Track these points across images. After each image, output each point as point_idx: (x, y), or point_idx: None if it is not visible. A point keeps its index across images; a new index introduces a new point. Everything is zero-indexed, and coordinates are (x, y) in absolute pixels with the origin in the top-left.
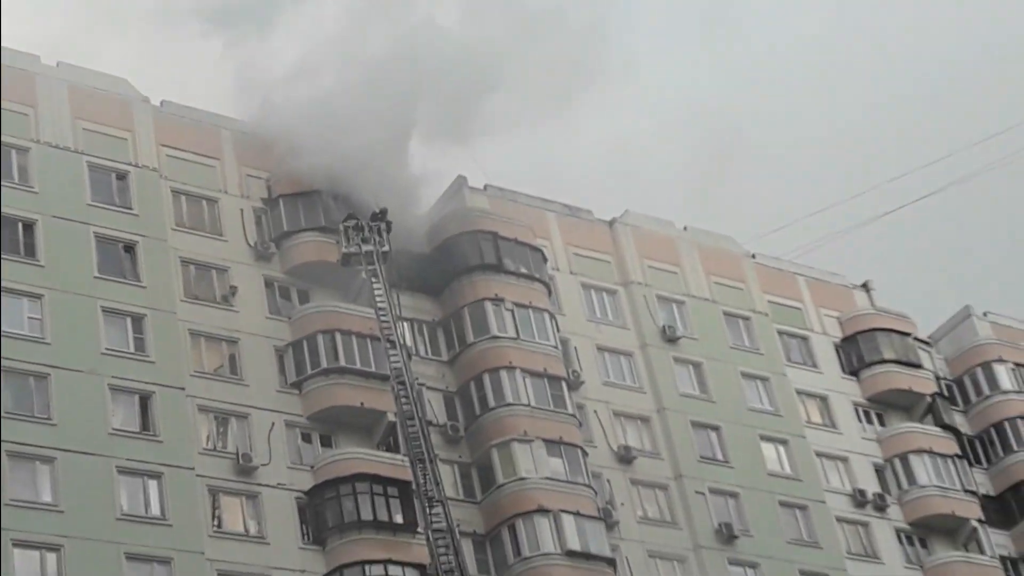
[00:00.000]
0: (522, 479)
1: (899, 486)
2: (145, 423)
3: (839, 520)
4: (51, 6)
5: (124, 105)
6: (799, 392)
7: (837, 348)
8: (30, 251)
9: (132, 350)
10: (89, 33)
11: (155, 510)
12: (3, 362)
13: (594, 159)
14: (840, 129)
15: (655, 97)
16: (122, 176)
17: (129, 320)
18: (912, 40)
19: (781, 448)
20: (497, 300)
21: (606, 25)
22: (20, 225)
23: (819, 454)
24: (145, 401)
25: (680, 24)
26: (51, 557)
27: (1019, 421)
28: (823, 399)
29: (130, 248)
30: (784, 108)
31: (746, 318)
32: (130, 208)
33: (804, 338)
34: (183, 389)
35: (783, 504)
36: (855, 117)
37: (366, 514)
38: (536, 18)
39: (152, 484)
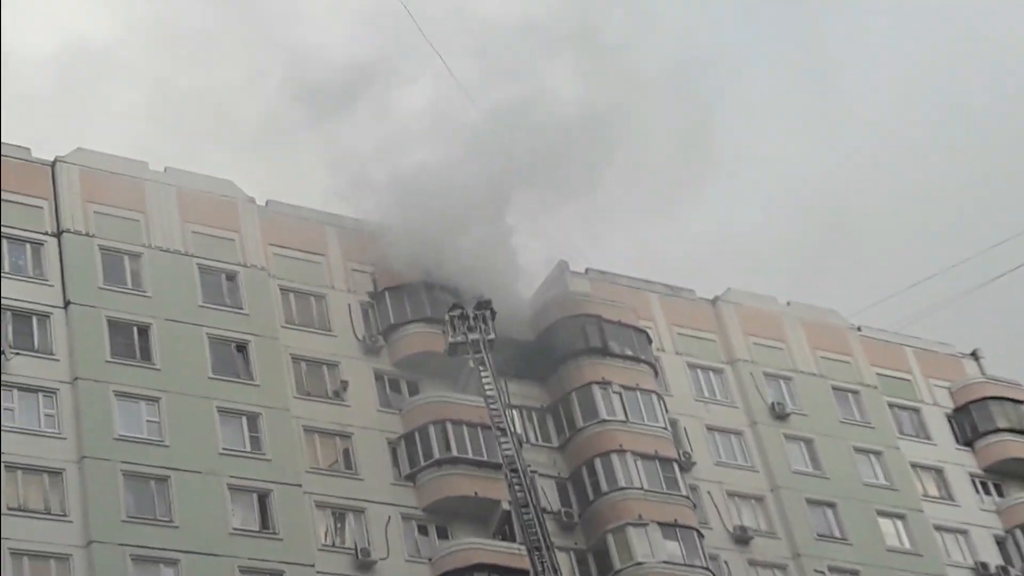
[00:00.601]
0: (639, 564)
1: (1022, 558)
2: (264, 521)
3: None
4: (157, 113)
5: (230, 206)
6: (914, 465)
7: (949, 419)
8: (145, 355)
9: (248, 449)
10: (193, 137)
11: None
12: (123, 466)
13: (694, 239)
14: (942, 197)
15: (756, 177)
16: (231, 276)
17: (244, 419)
18: (1008, 105)
19: (899, 523)
20: (604, 384)
21: (712, 112)
22: (135, 329)
23: (938, 528)
24: (263, 499)
25: (779, 104)
26: None
27: None
28: (939, 471)
29: (242, 347)
30: (886, 182)
31: (855, 392)
32: (241, 308)
33: (915, 410)
34: (300, 486)
35: None
36: (957, 184)
37: None
38: (643, 99)
39: None
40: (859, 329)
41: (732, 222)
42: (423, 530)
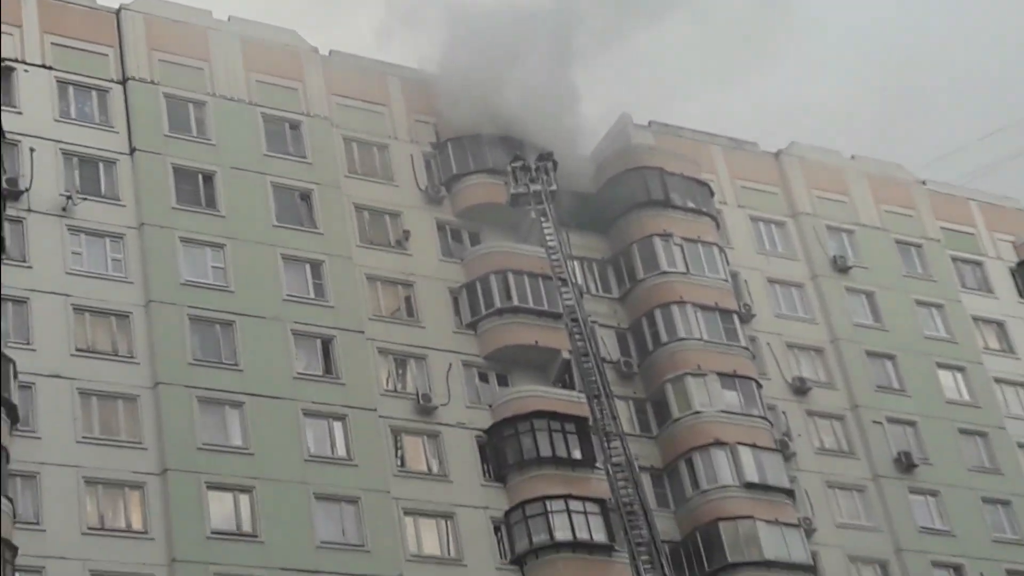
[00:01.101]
0: (697, 413)
1: None
2: (328, 367)
3: (1020, 446)
4: None
5: (294, 56)
6: (975, 318)
7: (1012, 272)
8: (210, 202)
9: (312, 296)
10: None
11: (341, 451)
12: (189, 311)
13: (762, 95)
14: (1014, 53)
15: (827, 34)
16: (295, 126)
17: (308, 266)
18: None
19: (959, 375)
20: (666, 235)
21: None
22: (200, 177)
23: (997, 380)
24: (327, 345)
25: None
26: (244, 499)
27: None
28: (1000, 324)
29: (306, 196)
30: (955, 36)
31: (918, 245)
32: (304, 157)
33: (978, 263)
34: (363, 332)
35: (963, 432)
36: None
37: (545, 451)
38: None
39: (337, 426)
40: (924, 183)
41: (800, 78)
42: (483, 377)
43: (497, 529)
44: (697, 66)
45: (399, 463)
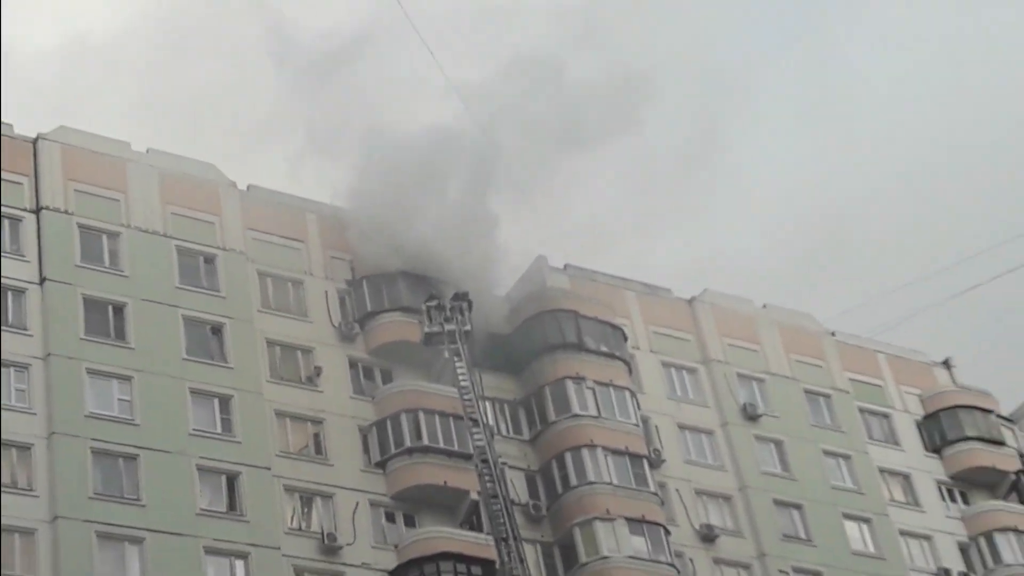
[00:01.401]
0: (605, 558)
1: (984, 565)
2: (232, 503)
3: None
4: (141, 96)
5: (212, 190)
6: (881, 470)
7: (919, 426)
8: (120, 334)
9: (219, 431)
10: (176, 119)
11: None
12: (92, 443)
13: (679, 243)
14: (920, 206)
15: (740, 185)
16: (210, 260)
17: (216, 401)
18: (990, 114)
19: (864, 527)
20: (578, 379)
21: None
22: (111, 308)
23: (903, 532)
24: (232, 481)
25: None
26: None
27: None
28: (906, 477)
29: (217, 330)
30: (865, 188)
31: (827, 396)
32: (217, 291)
33: (886, 416)
34: (269, 469)
35: None
36: (935, 193)
37: None
38: (644, 97)
39: (239, 564)
40: (833, 334)
41: (721, 230)
42: (390, 517)
43: None
44: (617, 212)
45: None
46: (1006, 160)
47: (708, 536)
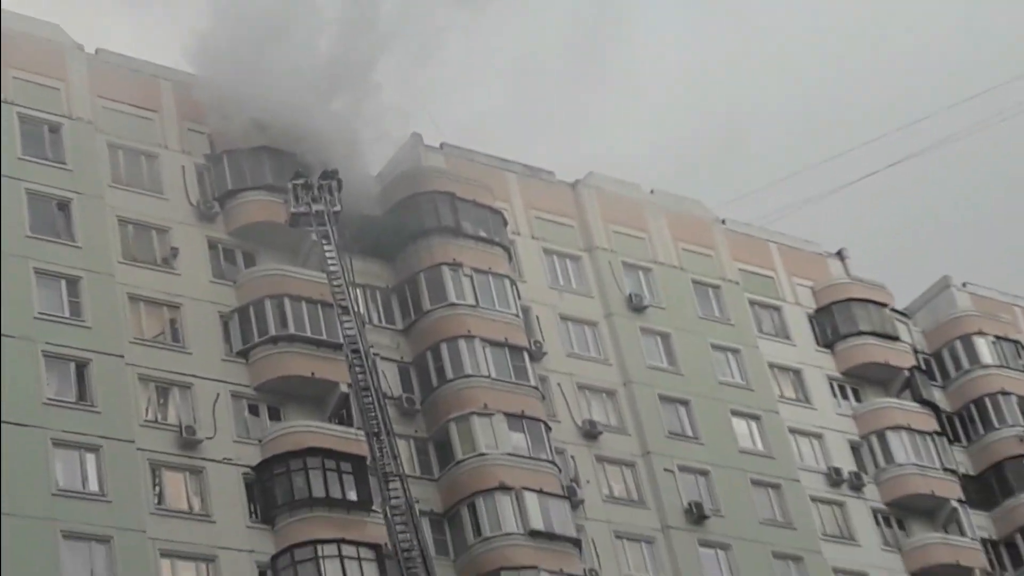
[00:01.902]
0: (482, 455)
1: (876, 464)
2: (82, 393)
3: (814, 500)
4: None
5: (57, 53)
6: (771, 365)
7: (811, 319)
8: None
9: (67, 315)
10: None
11: (93, 485)
12: None
13: (568, 131)
14: (815, 92)
15: (631, 74)
16: (55, 129)
17: (64, 283)
18: (887, 3)
19: (753, 424)
20: (455, 265)
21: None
22: None
23: (793, 430)
24: (81, 369)
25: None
26: None
27: (1000, 397)
28: (796, 373)
29: (64, 206)
30: (760, 74)
31: (716, 287)
32: (64, 163)
33: (776, 308)
34: (122, 357)
35: (755, 483)
36: (830, 79)
37: (318, 491)
38: None
39: (90, 458)
40: (723, 222)
41: (606, 120)
42: (254, 410)
43: (263, 575)
44: (501, 97)
45: (157, 500)
46: (902, 45)
47: (591, 433)
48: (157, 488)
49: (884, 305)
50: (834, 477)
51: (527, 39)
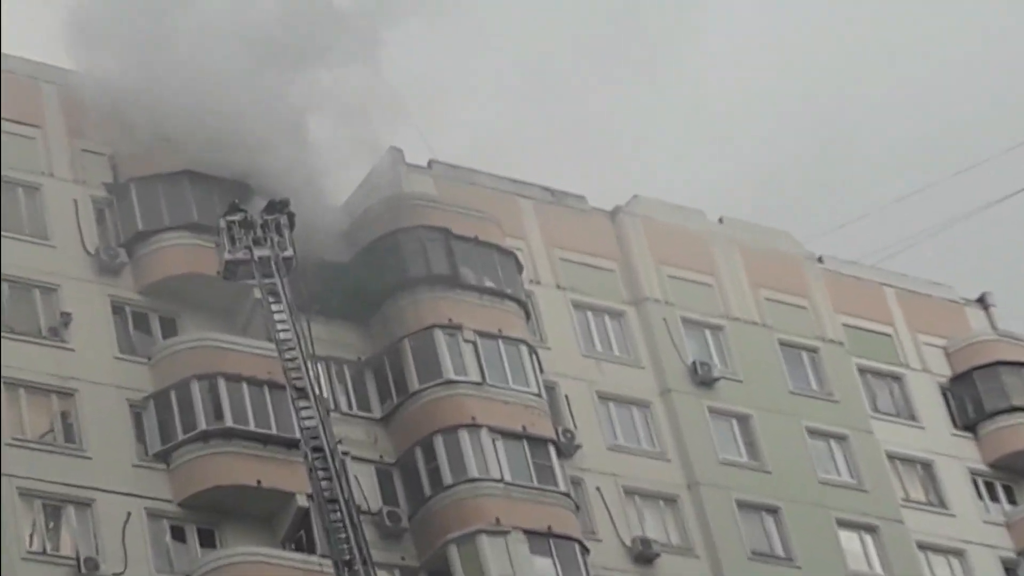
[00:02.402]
0: None
1: None
2: None
3: None
4: None
5: None
6: (891, 456)
7: (944, 392)
8: None
9: None
10: None
11: None
12: None
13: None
14: (936, 87)
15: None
16: None
17: None
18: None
19: (868, 538)
20: (452, 327)
21: None
22: None
23: (923, 546)
24: None
25: None
26: None
27: None
28: (927, 466)
29: None
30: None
31: (813, 350)
32: None
33: (897, 378)
34: None
35: None
36: (955, 73)
37: None
38: None
39: None
40: (820, 260)
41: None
42: (178, 534)
43: None
44: (515, 92)
45: None
46: None
47: (644, 555)
48: None
49: None
50: None
51: (547, 24)
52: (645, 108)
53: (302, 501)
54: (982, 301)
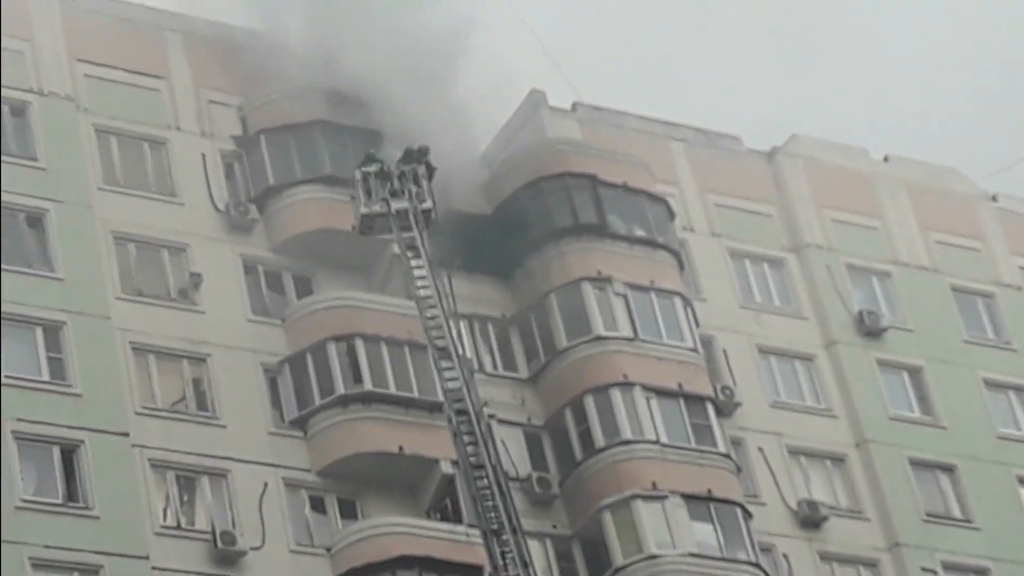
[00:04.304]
0: (653, 557)
1: None
2: (71, 491)
3: None
4: None
5: (18, 3)
6: None
7: None
8: None
9: (45, 378)
10: None
11: None
12: None
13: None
14: None
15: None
16: (19, 110)
17: (39, 331)
18: None
19: None
20: (601, 280)
21: None
22: None
23: None
24: (69, 456)
25: None
26: None
27: None
28: None
29: (36, 219)
30: None
31: (988, 295)
32: (34, 158)
33: None
34: (126, 435)
35: None
36: None
37: None
38: None
39: None
40: (994, 199)
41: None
42: (318, 505)
43: None
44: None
45: None
46: None
47: (811, 519)
48: None
49: None
50: None
51: None
52: (802, 43)
53: (447, 468)
54: None
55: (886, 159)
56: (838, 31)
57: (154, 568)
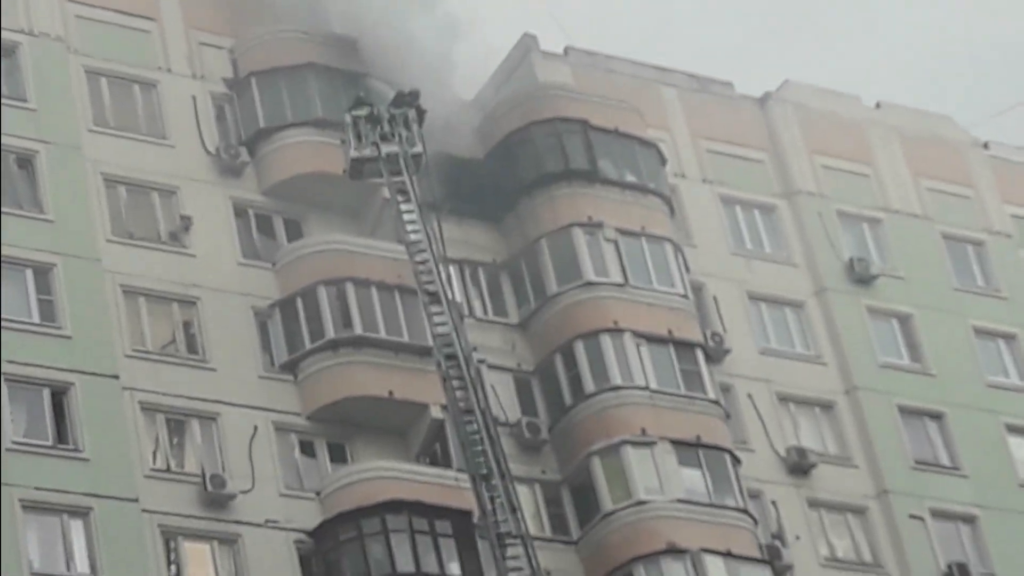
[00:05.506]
0: (641, 503)
1: None
2: (61, 433)
3: None
4: None
5: None
6: None
7: None
8: None
9: (36, 319)
10: None
11: (82, 566)
12: None
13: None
14: None
15: None
16: (9, 51)
17: (30, 273)
18: None
19: None
20: (592, 225)
21: None
22: None
23: None
24: (60, 398)
25: None
26: None
27: None
28: None
29: (26, 161)
30: None
31: (979, 243)
32: (24, 100)
33: None
34: (116, 377)
35: None
36: None
37: (405, 564)
38: None
39: (75, 525)
40: (986, 146)
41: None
42: (307, 448)
43: None
44: None
45: None
46: None
47: (800, 466)
48: (173, 567)
49: None
50: None
51: None
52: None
53: (436, 413)
54: None
55: (878, 106)
56: None
57: (144, 511)
